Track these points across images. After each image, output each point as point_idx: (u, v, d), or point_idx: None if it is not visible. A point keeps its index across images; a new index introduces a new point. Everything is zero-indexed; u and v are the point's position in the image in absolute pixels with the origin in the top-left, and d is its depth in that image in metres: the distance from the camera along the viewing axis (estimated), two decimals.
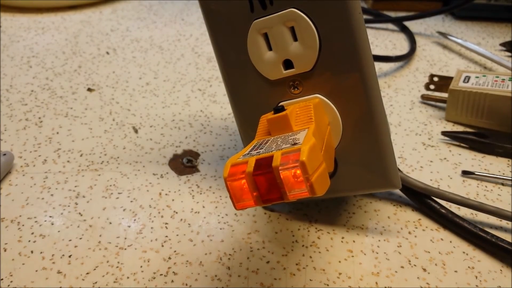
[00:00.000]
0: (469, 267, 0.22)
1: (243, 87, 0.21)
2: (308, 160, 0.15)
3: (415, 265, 0.22)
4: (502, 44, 0.46)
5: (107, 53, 0.42)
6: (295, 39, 0.20)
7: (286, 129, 0.18)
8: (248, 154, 0.16)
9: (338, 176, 0.22)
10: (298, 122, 0.18)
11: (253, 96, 0.21)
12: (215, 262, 0.22)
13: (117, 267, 0.22)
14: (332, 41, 0.19)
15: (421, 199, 0.25)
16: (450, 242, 0.24)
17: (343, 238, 0.24)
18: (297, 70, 0.20)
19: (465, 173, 0.28)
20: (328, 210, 0.25)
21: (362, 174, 0.21)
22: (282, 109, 0.18)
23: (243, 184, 0.15)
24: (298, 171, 0.15)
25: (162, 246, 0.23)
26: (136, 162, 0.28)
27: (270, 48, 0.20)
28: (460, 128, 0.33)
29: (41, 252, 0.22)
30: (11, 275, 0.21)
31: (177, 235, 0.23)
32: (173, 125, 0.32)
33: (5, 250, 0.22)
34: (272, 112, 0.19)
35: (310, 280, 0.21)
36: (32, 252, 0.22)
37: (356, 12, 0.19)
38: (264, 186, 0.15)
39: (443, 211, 0.24)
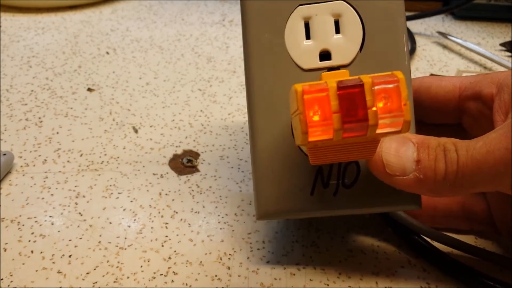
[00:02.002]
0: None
1: (270, 72, 0.19)
2: (403, 86, 0.13)
3: (415, 265, 0.22)
4: (502, 44, 0.46)
5: (107, 53, 0.42)
6: (337, 32, 0.19)
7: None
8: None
9: (358, 187, 0.20)
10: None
11: (280, 82, 0.19)
12: (215, 262, 0.22)
13: (117, 267, 0.22)
14: (375, 39, 0.19)
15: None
16: None
17: (343, 238, 0.24)
18: (334, 62, 0.19)
19: None
20: None
21: (382, 188, 0.19)
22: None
23: (322, 99, 0.13)
24: (389, 104, 0.13)
25: (162, 246, 0.23)
26: (136, 162, 0.28)
27: (308, 37, 0.19)
28: None
29: (41, 252, 0.22)
30: (11, 275, 0.21)
31: (177, 235, 0.23)
32: (173, 125, 0.32)
33: (5, 250, 0.22)
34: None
35: (310, 280, 0.22)
36: (32, 252, 0.22)
37: (403, 14, 0.19)
38: (348, 108, 0.13)
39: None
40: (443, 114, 0.22)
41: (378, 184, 0.19)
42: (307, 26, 0.19)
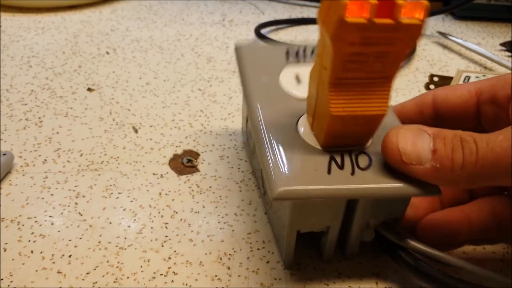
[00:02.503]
0: None
1: (271, 102, 0.22)
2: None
3: None
4: (502, 44, 0.46)
5: (107, 53, 0.42)
6: None
7: None
8: None
9: (374, 169, 0.19)
10: None
11: (280, 108, 0.22)
12: (215, 262, 0.22)
13: (117, 267, 0.22)
14: None
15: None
16: None
17: None
18: None
19: None
20: None
21: (396, 174, 0.19)
22: None
23: None
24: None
25: (162, 246, 0.23)
26: (136, 162, 0.28)
27: (298, 83, 0.23)
28: None
29: (41, 252, 0.22)
30: (11, 275, 0.21)
31: (177, 235, 0.23)
32: (173, 125, 0.32)
33: (5, 250, 0.22)
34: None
35: (310, 280, 0.22)
36: (32, 252, 0.22)
37: None
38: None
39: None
40: (463, 121, 0.22)
41: (393, 171, 0.19)
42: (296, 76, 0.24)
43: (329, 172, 0.19)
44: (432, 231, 0.21)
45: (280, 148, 0.20)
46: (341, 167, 0.19)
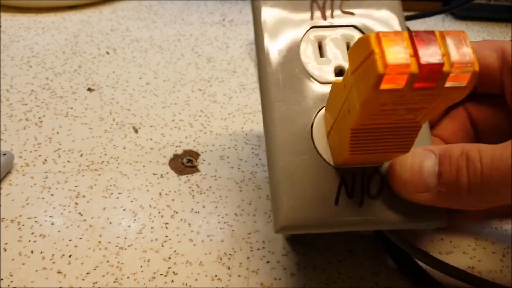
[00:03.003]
0: (469, 267, 0.22)
1: (286, 83, 0.20)
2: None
3: None
4: None
5: (107, 53, 0.42)
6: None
7: None
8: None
9: (384, 198, 0.18)
10: None
11: (297, 92, 0.20)
12: (215, 262, 0.22)
13: (117, 267, 0.22)
14: None
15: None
16: (450, 242, 0.24)
17: (343, 238, 0.24)
18: None
19: None
20: None
21: (405, 202, 0.18)
22: None
23: (396, 44, 0.13)
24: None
25: (162, 246, 0.23)
26: (136, 162, 0.28)
27: (322, 55, 0.20)
28: None
29: (41, 252, 0.22)
30: (11, 275, 0.21)
31: (177, 235, 0.23)
32: (173, 125, 0.32)
33: (5, 250, 0.22)
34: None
35: (310, 280, 0.22)
36: (32, 252, 0.22)
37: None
38: (422, 55, 0.13)
39: None
40: (486, 84, 0.20)
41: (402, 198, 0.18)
42: (319, 45, 0.20)
43: (336, 202, 0.18)
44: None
45: (290, 161, 0.18)
46: (350, 194, 0.18)
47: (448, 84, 0.13)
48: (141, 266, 0.22)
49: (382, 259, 0.23)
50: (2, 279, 0.21)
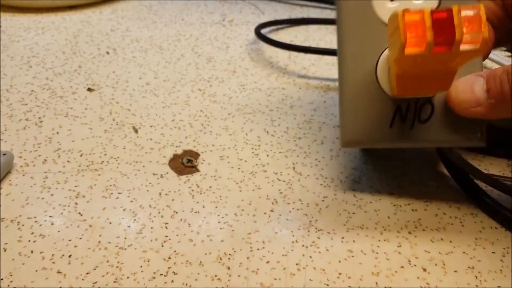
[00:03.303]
0: (469, 267, 0.22)
1: (359, 26, 0.23)
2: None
3: (415, 265, 0.22)
4: None
5: (107, 53, 0.42)
6: None
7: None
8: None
9: (431, 124, 0.22)
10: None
11: (368, 34, 0.23)
12: (215, 262, 0.22)
13: (117, 267, 0.22)
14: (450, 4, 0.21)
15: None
16: (450, 242, 0.24)
17: (343, 238, 0.24)
18: None
19: None
20: (328, 209, 0.25)
21: (452, 126, 0.22)
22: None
23: (417, 21, 0.16)
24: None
25: (162, 246, 0.23)
26: (136, 162, 0.28)
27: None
28: None
29: (41, 252, 0.22)
30: (11, 275, 0.21)
31: (177, 235, 0.23)
32: (173, 125, 0.32)
33: (5, 250, 0.22)
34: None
35: (310, 280, 0.22)
36: (32, 252, 0.22)
37: None
38: (439, 27, 0.16)
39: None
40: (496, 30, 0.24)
41: (449, 122, 0.22)
42: None
43: (391, 125, 0.22)
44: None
45: (357, 91, 0.22)
46: (403, 119, 0.22)
47: (463, 47, 0.16)
48: (141, 266, 0.22)
49: (382, 259, 0.23)
50: (2, 279, 0.21)
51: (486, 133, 0.22)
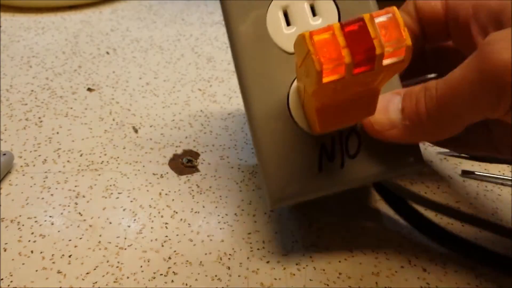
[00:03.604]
0: (469, 267, 0.22)
1: (257, 57, 0.20)
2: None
3: (415, 265, 0.22)
4: None
5: (107, 53, 0.42)
6: (314, 15, 0.20)
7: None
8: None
9: (362, 156, 0.20)
10: None
11: (268, 65, 0.20)
12: (215, 262, 0.22)
13: (117, 267, 0.22)
14: (349, 16, 0.19)
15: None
16: None
17: (343, 238, 0.24)
18: None
19: (465, 172, 0.28)
20: (328, 209, 0.25)
21: (384, 153, 0.20)
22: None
23: (328, 40, 0.14)
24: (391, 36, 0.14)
25: (162, 246, 0.23)
26: (136, 162, 0.28)
27: (288, 23, 0.20)
28: None
29: (41, 252, 0.22)
30: (11, 275, 0.21)
31: (177, 235, 0.23)
32: (173, 125, 0.32)
33: (5, 250, 0.22)
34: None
35: (310, 280, 0.22)
36: (32, 252, 0.22)
37: None
38: (354, 43, 0.14)
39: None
40: (433, 34, 0.21)
41: (380, 150, 0.19)
42: (285, 14, 0.21)
43: (320, 169, 0.19)
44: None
45: (272, 138, 0.20)
46: (331, 157, 0.20)
47: (386, 61, 0.14)
48: (141, 266, 0.22)
49: (382, 259, 0.23)
50: (2, 279, 0.21)
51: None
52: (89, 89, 0.36)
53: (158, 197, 0.26)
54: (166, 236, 0.23)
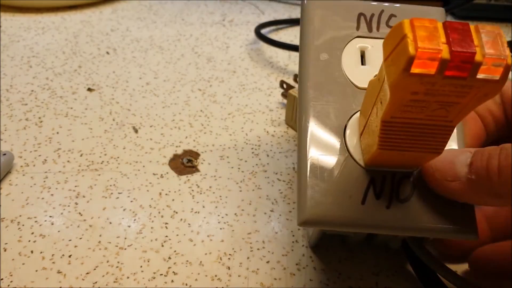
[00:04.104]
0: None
1: (325, 85, 0.20)
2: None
3: None
4: None
5: (107, 53, 0.42)
6: None
7: None
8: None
9: (413, 204, 0.18)
10: None
11: (334, 94, 0.20)
12: (215, 262, 0.22)
13: (117, 267, 0.22)
14: None
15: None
16: None
17: (343, 238, 0.24)
18: None
19: None
20: None
21: (437, 209, 0.18)
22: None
23: (430, 30, 0.13)
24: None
25: (162, 246, 0.23)
26: (136, 162, 0.28)
27: (363, 63, 0.20)
28: None
29: (41, 252, 0.22)
30: (11, 275, 0.21)
31: (177, 235, 0.23)
32: (173, 125, 0.32)
33: (5, 250, 0.22)
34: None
35: (310, 280, 0.22)
36: (32, 252, 0.22)
37: None
38: (455, 43, 0.13)
39: None
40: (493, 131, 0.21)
41: (432, 205, 0.18)
42: (362, 54, 0.21)
43: (363, 201, 0.18)
44: (487, 263, 0.21)
45: (321, 158, 0.18)
46: (378, 195, 0.18)
47: (480, 75, 0.13)
48: (141, 266, 0.22)
49: (382, 259, 0.23)
50: (2, 279, 0.21)
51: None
52: (89, 89, 0.36)
53: (158, 197, 0.26)
54: (166, 236, 0.23)
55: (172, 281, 0.21)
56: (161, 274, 0.21)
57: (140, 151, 0.29)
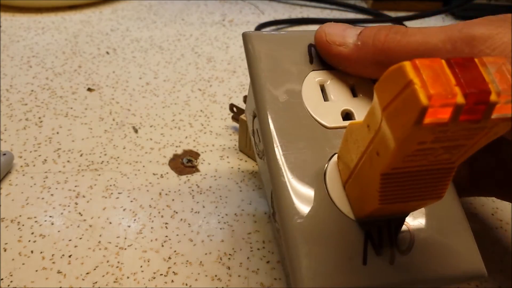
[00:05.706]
0: None
1: (291, 130, 0.18)
2: None
3: None
4: None
5: (107, 53, 0.42)
6: (354, 95, 0.19)
7: None
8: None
9: (416, 254, 0.16)
10: None
11: (304, 139, 0.18)
12: (215, 262, 0.22)
13: (117, 267, 0.22)
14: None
15: None
16: None
17: None
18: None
19: None
20: None
21: (441, 255, 0.16)
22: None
23: (437, 72, 0.11)
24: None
25: (162, 246, 0.23)
26: (136, 162, 0.28)
27: (326, 99, 0.19)
28: None
29: (41, 252, 0.22)
30: (11, 275, 0.21)
31: (177, 235, 0.23)
32: (173, 125, 0.32)
33: (5, 250, 0.22)
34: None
35: None
36: (32, 252, 0.22)
37: None
38: (467, 82, 0.11)
39: None
40: None
41: (436, 250, 0.16)
42: (322, 88, 0.19)
43: (364, 262, 0.16)
44: None
45: (308, 217, 0.16)
46: (378, 251, 0.16)
47: (494, 115, 0.11)
48: (141, 266, 0.22)
49: None
50: (2, 279, 0.21)
51: None
52: (89, 89, 0.36)
53: (158, 197, 0.26)
54: (166, 236, 0.23)
55: (172, 281, 0.21)
56: (161, 274, 0.21)
57: (140, 151, 0.29)
